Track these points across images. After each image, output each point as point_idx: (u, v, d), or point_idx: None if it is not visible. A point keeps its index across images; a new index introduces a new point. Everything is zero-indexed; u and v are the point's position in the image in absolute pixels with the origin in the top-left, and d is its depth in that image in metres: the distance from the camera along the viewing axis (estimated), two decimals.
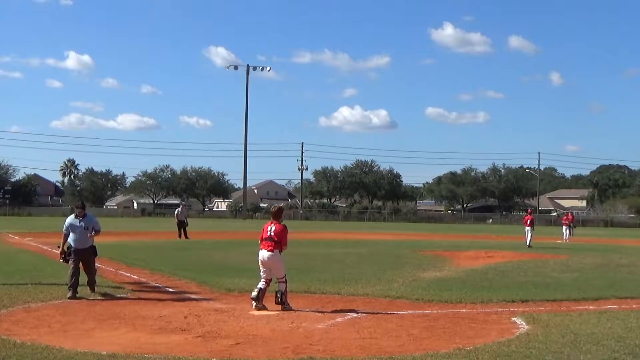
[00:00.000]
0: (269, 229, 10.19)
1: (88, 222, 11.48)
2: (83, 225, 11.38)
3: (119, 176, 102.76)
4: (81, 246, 11.38)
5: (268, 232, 10.16)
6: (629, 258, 22.03)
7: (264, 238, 10.21)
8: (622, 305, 11.20)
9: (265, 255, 10.12)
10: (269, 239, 10.13)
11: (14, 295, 11.11)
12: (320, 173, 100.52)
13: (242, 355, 7.17)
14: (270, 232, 10.15)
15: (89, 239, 11.49)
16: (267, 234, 10.17)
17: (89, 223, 11.49)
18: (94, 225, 11.53)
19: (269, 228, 10.22)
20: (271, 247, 10.09)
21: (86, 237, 11.41)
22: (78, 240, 11.37)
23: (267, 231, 10.18)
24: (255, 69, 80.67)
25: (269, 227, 10.23)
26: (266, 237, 10.17)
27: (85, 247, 11.43)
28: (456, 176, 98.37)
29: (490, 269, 17.16)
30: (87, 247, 11.46)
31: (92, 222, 11.58)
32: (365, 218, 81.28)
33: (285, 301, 10.09)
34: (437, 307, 10.70)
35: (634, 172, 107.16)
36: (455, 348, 7.52)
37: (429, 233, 43.26)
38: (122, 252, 20.94)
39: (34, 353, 7.01)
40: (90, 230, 11.42)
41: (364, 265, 17.70)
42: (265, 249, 10.14)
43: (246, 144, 79.53)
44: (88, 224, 11.44)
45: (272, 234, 10.13)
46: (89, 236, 11.43)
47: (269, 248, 10.11)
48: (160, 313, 9.76)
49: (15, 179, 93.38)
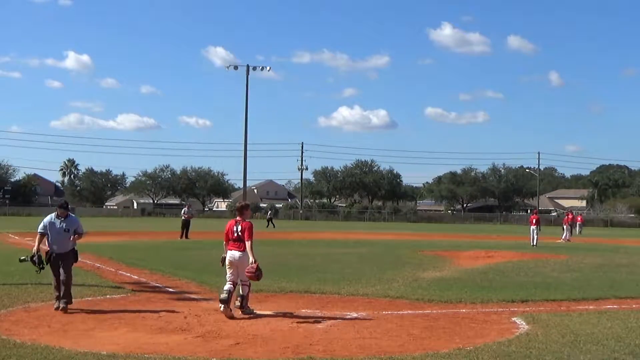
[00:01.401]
0: (236, 229, 9.64)
1: (70, 223, 10.20)
2: (64, 227, 10.09)
3: (119, 176, 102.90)
4: (60, 250, 10.06)
5: (235, 233, 9.63)
6: (629, 258, 22.04)
7: (231, 239, 9.67)
8: (622, 305, 11.21)
9: (237, 256, 9.59)
10: (238, 240, 9.61)
11: (14, 295, 11.11)
12: (320, 173, 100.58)
13: (242, 355, 7.17)
14: (237, 232, 9.61)
15: (70, 242, 10.14)
16: (234, 235, 9.64)
17: (71, 225, 10.19)
18: (76, 227, 10.24)
19: (235, 228, 9.66)
20: (242, 247, 9.58)
21: (67, 240, 10.09)
22: (57, 243, 10.07)
23: (234, 231, 9.65)
24: (255, 69, 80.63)
25: (235, 226, 9.67)
26: (234, 237, 9.64)
27: (64, 251, 10.10)
28: (456, 176, 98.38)
29: (490, 269, 17.16)
30: (66, 252, 10.14)
31: (75, 224, 10.28)
32: (365, 218, 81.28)
33: (246, 305, 9.62)
34: (437, 307, 10.70)
35: (634, 172, 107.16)
36: (455, 348, 7.52)
37: (429, 233, 43.25)
38: (122, 252, 20.92)
39: (34, 353, 7.01)
40: (71, 233, 10.12)
41: (364, 265, 17.70)
42: (235, 249, 9.63)
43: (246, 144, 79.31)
44: (69, 226, 10.15)
45: (240, 234, 9.60)
46: (71, 239, 10.12)
47: (240, 248, 9.59)
48: (160, 313, 9.76)
49: (15, 178, 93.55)
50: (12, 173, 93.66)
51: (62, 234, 10.08)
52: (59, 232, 10.08)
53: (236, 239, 9.63)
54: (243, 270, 9.56)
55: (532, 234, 28.60)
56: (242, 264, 9.55)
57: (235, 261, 9.61)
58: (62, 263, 10.06)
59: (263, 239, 32.16)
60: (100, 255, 19.13)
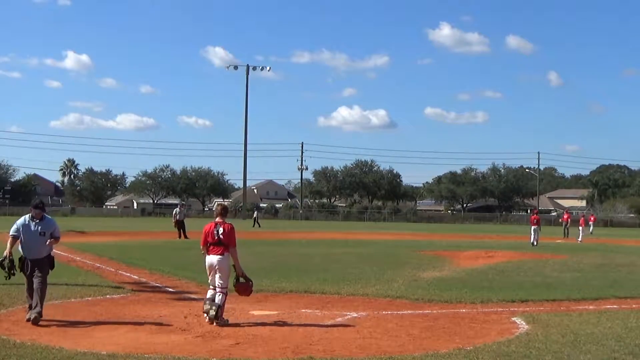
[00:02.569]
0: (216, 232, 9.04)
1: (46, 226, 9.17)
2: (39, 230, 9.09)
3: (118, 176, 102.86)
4: (34, 255, 9.08)
5: (215, 236, 9.03)
6: (629, 258, 22.04)
7: (211, 242, 9.05)
8: (622, 305, 11.22)
9: (215, 260, 8.99)
10: (219, 243, 9.01)
11: (14, 295, 11.10)
12: (320, 173, 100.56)
13: (242, 355, 7.17)
14: (218, 235, 9.02)
15: (46, 247, 9.17)
16: (214, 238, 9.03)
17: (47, 228, 9.17)
18: (52, 231, 9.21)
19: (215, 230, 9.06)
20: (222, 251, 8.99)
21: (42, 244, 9.11)
22: (31, 248, 9.09)
23: (214, 234, 9.04)
24: (255, 69, 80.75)
25: (215, 229, 9.08)
26: (214, 240, 9.02)
27: (39, 256, 9.13)
28: (456, 176, 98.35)
29: (490, 269, 17.16)
30: (41, 257, 9.16)
31: (52, 226, 9.24)
32: (365, 218, 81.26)
33: (221, 315, 8.87)
34: (437, 307, 10.70)
35: (634, 172, 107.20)
36: (455, 348, 7.53)
37: (429, 233, 43.25)
38: (122, 252, 20.92)
39: (34, 353, 7.01)
40: (47, 237, 9.12)
41: (364, 265, 17.69)
42: (215, 253, 9.02)
43: (246, 144, 79.57)
44: (45, 229, 9.14)
45: (220, 237, 9.01)
46: (47, 243, 9.13)
47: (219, 252, 8.99)
48: (160, 313, 9.77)
49: (15, 179, 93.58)
50: (12, 173, 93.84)
51: (38, 238, 9.09)
52: (35, 236, 9.09)
53: (216, 242, 9.03)
54: (223, 276, 9.01)
55: (533, 233, 28.66)
56: (222, 268, 8.99)
57: (214, 265, 9.03)
58: (37, 270, 9.10)
59: (263, 239, 32.17)
60: (100, 255, 19.14)
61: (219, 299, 8.88)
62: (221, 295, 8.92)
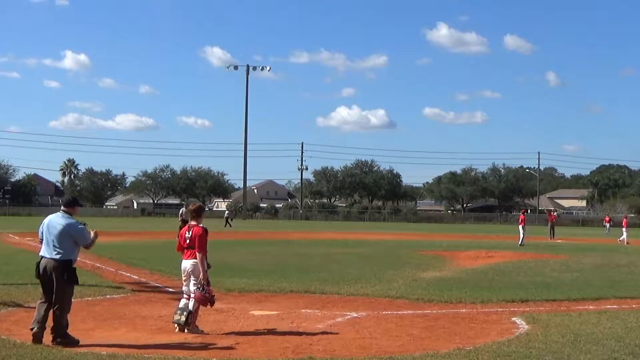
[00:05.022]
0: (188, 235, 8.51)
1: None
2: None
3: (118, 176, 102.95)
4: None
5: (187, 239, 8.51)
6: (629, 258, 22.04)
7: (184, 247, 8.56)
8: (622, 305, 11.21)
9: (188, 264, 8.48)
10: (190, 247, 8.48)
11: (14, 295, 11.10)
12: (320, 173, 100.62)
13: (242, 355, 7.18)
14: (188, 239, 8.50)
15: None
16: (186, 242, 8.52)
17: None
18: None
19: (186, 234, 8.54)
20: (193, 256, 8.46)
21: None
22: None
23: (185, 238, 8.53)
24: (255, 69, 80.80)
25: (187, 232, 8.54)
26: (186, 245, 8.51)
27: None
28: (456, 176, 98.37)
29: (490, 269, 17.16)
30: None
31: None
32: (365, 218, 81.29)
33: (193, 322, 8.39)
34: (437, 307, 10.70)
35: (634, 172, 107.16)
36: (455, 348, 7.52)
37: (429, 233, 43.25)
38: (122, 252, 20.93)
39: (34, 353, 7.01)
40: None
41: (364, 265, 17.70)
42: (187, 258, 8.50)
43: (246, 144, 79.73)
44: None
45: (191, 241, 8.49)
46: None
47: (192, 256, 8.45)
48: (160, 313, 9.77)
49: (15, 179, 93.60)
50: (12, 173, 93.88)
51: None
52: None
53: (188, 246, 8.51)
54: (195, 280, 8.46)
55: (520, 233, 29.03)
56: (194, 274, 8.43)
57: (187, 270, 8.52)
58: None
59: (263, 239, 32.18)
60: (100, 255, 19.12)
61: (191, 304, 8.39)
62: (194, 301, 8.39)
